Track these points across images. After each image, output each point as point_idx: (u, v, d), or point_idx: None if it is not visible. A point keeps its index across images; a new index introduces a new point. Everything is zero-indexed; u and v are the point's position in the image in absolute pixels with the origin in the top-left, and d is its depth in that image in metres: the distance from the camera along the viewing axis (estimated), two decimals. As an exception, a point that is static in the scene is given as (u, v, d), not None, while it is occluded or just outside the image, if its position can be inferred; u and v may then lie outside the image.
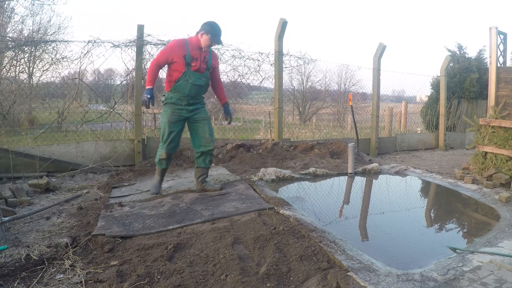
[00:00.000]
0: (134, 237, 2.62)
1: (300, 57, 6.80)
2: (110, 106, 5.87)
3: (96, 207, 3.41)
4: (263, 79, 6.62)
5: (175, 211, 3.16)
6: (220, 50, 6.17)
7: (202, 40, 3.54)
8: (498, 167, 4.60)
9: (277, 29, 6.20)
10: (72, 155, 5.16)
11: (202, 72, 3.60)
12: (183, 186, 4.03)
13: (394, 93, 14.19)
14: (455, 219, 3.46)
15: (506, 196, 3.72)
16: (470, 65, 9.35)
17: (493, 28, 5.51)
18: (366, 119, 10.30)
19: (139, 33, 5.47)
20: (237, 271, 2.05)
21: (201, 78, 3.60)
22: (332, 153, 6.24)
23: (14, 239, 2.62)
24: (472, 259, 2.32)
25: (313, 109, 21.26)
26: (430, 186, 4.64)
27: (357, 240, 2.78)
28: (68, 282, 2.05)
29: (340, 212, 3.54)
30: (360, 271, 2.07)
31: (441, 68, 8.49)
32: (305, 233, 2.58)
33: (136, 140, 5.50)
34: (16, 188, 3.73)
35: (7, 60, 6.45)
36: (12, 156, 4.61)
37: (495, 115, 5.07)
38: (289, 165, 5.24)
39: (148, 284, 1.97)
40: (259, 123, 10.86)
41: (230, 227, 2.74)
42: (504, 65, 5.87)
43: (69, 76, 5.89)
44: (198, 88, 3.63)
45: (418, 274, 2.08)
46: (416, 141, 8.55)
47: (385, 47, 7.41)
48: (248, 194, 3.66)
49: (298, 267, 2.13)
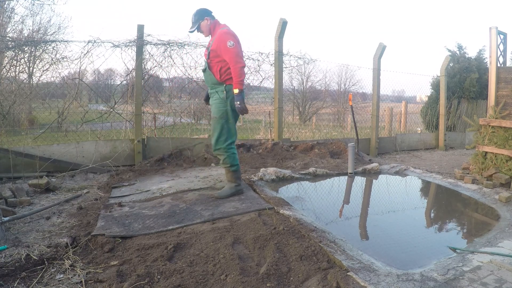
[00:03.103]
0: (134, 237, 2.62)
1: (300, 57, 6.81)
2: (110, 106, 5.87)
3: (96, 207, 3.41)
4: (263, 79, 6.62)
5: (175, 211, 3.16)
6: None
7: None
8: (498, 167, 4.60)
9: (277, 29, 6.20)
10: (72, 155, 5.16)
11: (206, 57, 3.53)
12: (183, 186, 4.03)
13: (394, 93, 14.21)
14: (455, 219, 3.46)
15: (506, 196, 3.72)
16: (470, 65, 9.35)
17: (493, 28, 5.51)
18: (366, 119, 10.30)
19: (139, 33, 5.47)
20: (237, 271, 2.05)
21: (205, 64, 3.53)
22: (332, 153, 6.24)
23: (14, 239, 2.61)
24: (472, 259, 2.32)
25: (313, 109, 21.24)
26: (430, 186, 4.64)
27: (357, 240, 2.78)
28: (68, 282, 2.05)
29: (340, 212, 3.54)
30: (360, 271, 2.07)
31: (441, 68, 8.49)
32: (305, 233, 2.58)
33: (136, 140, 5.50)
34: (16, 188, 3.73)
35: (7, 60, 6.46)
36: (12, 156, 4.61)
37: (495, 115, 5.07)
38: (289, 165, 5.24)
39: (148, 284, 1.97)
40: (259, 123, 10.86)
41: (230, 227, 2.74)
42: (504, 65, 5.87)
43: (69, 76, 5.89)
44: (204, 74, 3.55)
45: (418, 274, 2.08)
46: (416, 141, 8.55)
47: (385, 47, 7.41)
48: (248, 194, 3.65)
49: (298, 267, 2.13)
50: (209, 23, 3.48)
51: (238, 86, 3.28)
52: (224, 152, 3.44)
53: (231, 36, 3.35)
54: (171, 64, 5.96)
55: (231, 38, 3.33)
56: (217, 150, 3.48)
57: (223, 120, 3.41)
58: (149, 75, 5.93)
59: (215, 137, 3.44)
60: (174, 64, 5.98)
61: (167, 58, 5.89)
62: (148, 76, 5.91)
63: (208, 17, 3.49)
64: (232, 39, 3.32)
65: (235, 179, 3.54)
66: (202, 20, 3.47)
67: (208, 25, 3.49)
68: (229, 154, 3.45)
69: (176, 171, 4.94)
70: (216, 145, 3.45)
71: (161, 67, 5.84)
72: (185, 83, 6.55)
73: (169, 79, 6.45)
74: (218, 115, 3.42)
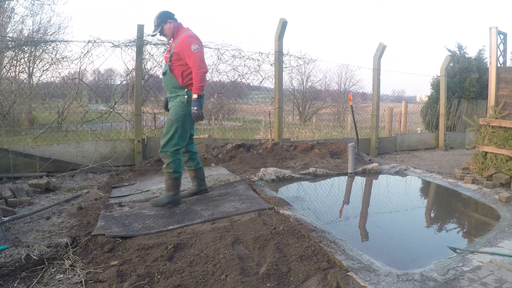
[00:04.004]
0: (134, 237, 2.62)
1: (300, 57, 6.81)
2: (110, 106, 5.87)
3: (96, 207, 3.41)
4: (263, 79, 6.63)
5: (175, 211, 3.16)
6: (220, 50, 6.18)
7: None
8: (498, 167, 4.60)
9: (277, 29, 6.20)
10: (72, 155, 5.16)
11: (166, 61, 3.45)
12: (183, 186, 4.02)
13: (394, 93, 14.20)
14: (455, 219, 3.46)
15: (506, 196, 3.72)
16: (470, 65, 9.35)
17: (493, 28, 5.51)
18: (366, 119, 10.30)
19: (139, 33, 5.47)
20: (237, 271, 2.05)
21: (164, 68, 3.43)
22: (332, 153, 6.24)
23: (14, 239, 2.61)
24: (472, 259, 2.32)
25: (313, 109, 21.25)
26: (430, 186, 4.64)
27: (357, 240, 2.78)
28: (68, 282, 2.05)
29: (340, 212, 3.54)
30: (360, 271, 2.07)
31: (441, 68, 8.49)
32: (305, 233, 2.58)
33: (136, 140, 5.50)
34: (16, 188, 3.73)
35: (7, 60, 6.46)
36: (12, 156, 4.61)
37: (495, 115, 5.07)
38: (289, 165, 5.24)
39: (148, 284, 1.97)
40: (259, 123, 10.85)
41: (230, 227, 2.74)
42: (504, 65, 5.87)
43: (69, 76, 5.90)
44: (164, 78, 3.45)
45: (418, 274, 2.08)
46: (416, 141, 8.55)
47: (385, 47, 7.41)
48: (248, 194, 3.66)
49: (298, 267, 2.13)
50: (172, 26, 3.40)
51: (198, 92, 3.20)
52: (171, 156, 3.27)
53: (195, 39, 3.29)
54: (171, 64, 5.97)
55: (196, 42, 3.26)
56: (163, 152, 3.29)
57: (178, 124, 3.29)
58: (149, 75, 5.94)
59: (166, 139, 3.29)
60: (174, 64, 5.98)
61: (167, 58, 5.90)
62: (148, 76, 5.92)
63: (171, 20, 3.41)
64: (196, 43, 3.26)
65: (173, 188, 3.34)
66: (165, 23, 3.38)
67: (171, 28, 3.40)
68: (175, 159, 3.28)
69: (176, 171, 4.94)
70: (164, 147, 3.28)
71: (161, 67, 5.84)
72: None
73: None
74: (174, 118, 3.29)
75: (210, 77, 6.35)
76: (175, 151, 3.28)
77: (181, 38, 3.32)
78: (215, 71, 6.30)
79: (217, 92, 7.26)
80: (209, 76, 6.29)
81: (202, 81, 3.23)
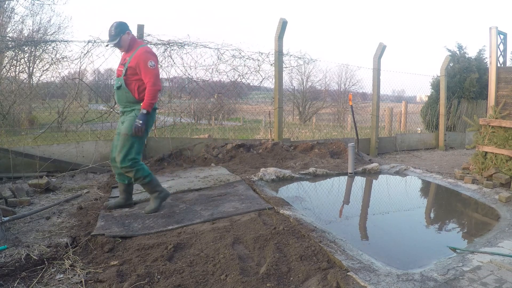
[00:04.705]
0: (134, 237, 2.62)
1: (300, 57, 6.81)
2: (110, 106, 5.87)
3: (96, 207, 3.41)
4: (263, 79, 6.63)
5: (175, 211, 3.16)
6: (220, 50, 6.18)
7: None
8: (498, 167, 4.60)
9: (277, 29, 6.20)
10: (72, 155, 5.16)
11: (118, 75, 3.31)
12: (183, 186, 4.03)
13: (394, 93, 14.19)
14: (455, 219, 3.46)
15: (506, 196, 3.72)
16: (470, 65, 9.35)
17: (493, 28, 5.51)
18: (366, 119, 10.30)
19: (139, 33, 5.47)
20: (237, 271, 2.05)
21: (117, 82, 3.30)
22: (332, 153, 6.24)
23: (14, 239, 2.61)
24: (472, 259, 2.32)
25: (313, 109, 21.25)
26: (430, 186, 4.64)
27: (357, 240, 2.78)
28: (68, 282, 2.05)
29: (340, 212, 3.54)
30: (360, 271, 2.07)
31: (441, 68, 8.49)
32: (305, 233, 2.58)
33: (136, 140, 5.49)
34: (16, 188, 3.73)
35: (7, 60, 6.46)
36: (12, 156, 4.60)
37: (495, 115, 5.07)
38: (289, 165, 5.24)
39: (148, 284, 1.97)
40: (259, 123, 10.85)
41: (230, 227, 2.74)
42: (504, 65, 5.86)
43: (69, 76, 5.90)
44: (117, 92, 3.33)
45: (418, 274, 2.08)
46: (416, 141, 8.55)
47: (385, 47, 7.41)
48: (248, 194, 3.66)
49: (298, 267, 2.13)
50: (130, 37, 3.30)
51: (147, 108, 3.16)
52: (132, 168, 3.20)
53: (152, 55, 3.24)
54: (171, 64, 5.98)
55: (152, 58, 3.21)
56: (124, 168, 3.21)
57: (135, 139, 3.21)
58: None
59: (123, 154, 3.19)
60: (174, 64, 6.00)
61: (167, 58, 5.91)
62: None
63: (129, 31, 3.31)
64: (153, 59, 3.21)
65: (155, 188, 3.31)
66: (123, 33, 3.24)
67: (128, 39, 3.29)
68: (138, 168, 3.22)
69: (176, 171, 4.94)
70: (123, 162, 3.19)
71: (161, 67, 5.84)
72: (185, 83, 6.56)
73: (169, 79, 6.45)
74: (130, 133, 3.20)
75: (210, 77, 6.35)
76: (134, 163, 3.21)
77: (137, 52, 3.22)
78: (215, 71, 6.30)
79: (217, 92, 7.26)
80: (209, 76, 6.31)
81: (154, 99, 3.19)
